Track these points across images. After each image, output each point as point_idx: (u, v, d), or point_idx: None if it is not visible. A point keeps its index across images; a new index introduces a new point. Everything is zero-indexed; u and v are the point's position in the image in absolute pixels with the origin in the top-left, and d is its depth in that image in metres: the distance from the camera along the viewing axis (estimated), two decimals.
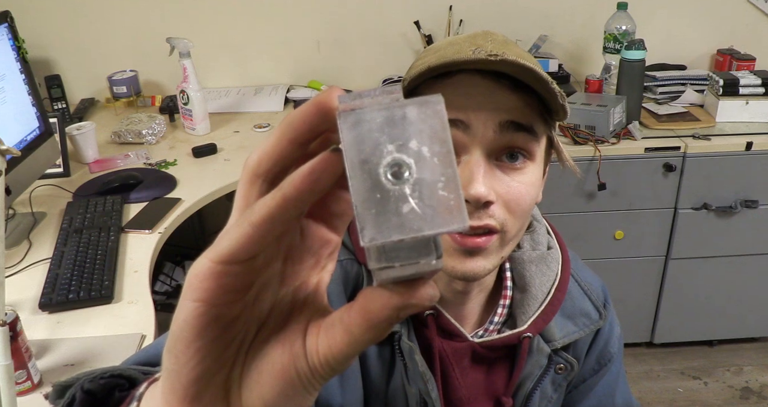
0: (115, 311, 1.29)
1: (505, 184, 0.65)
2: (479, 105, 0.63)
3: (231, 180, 1.82)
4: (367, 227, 0.27)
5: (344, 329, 0.29)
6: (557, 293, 0.76)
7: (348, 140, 0.28)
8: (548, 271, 0.76)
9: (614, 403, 0.88)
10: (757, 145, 1.95)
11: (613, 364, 0.85)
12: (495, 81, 0.63)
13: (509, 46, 0.65)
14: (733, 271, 2.16)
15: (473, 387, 0.77)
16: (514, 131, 0.63)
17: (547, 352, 0.76)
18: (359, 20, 2.38)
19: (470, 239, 0.64)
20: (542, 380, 0.77)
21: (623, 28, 2.11)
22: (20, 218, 1.64)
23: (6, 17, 1.65)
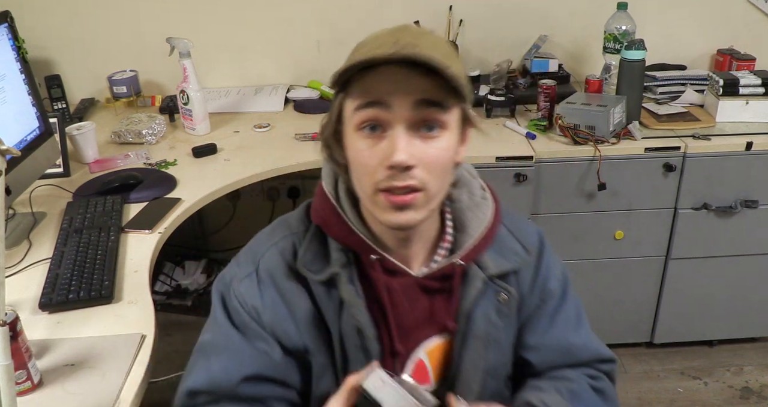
0: (115, 311, 1.29)
1: (423, 150, 0.79)
2: (397, 89, 0.77)
3: (231, 180, 1.82)
4: None
5: None
6: (488, 232, 0.92)
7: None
8: (481, 214, 0.93)
9: (568, 341, 0.99)
10: (757, 145, 1.95)
11: (555, 301, 0.98)
12: (410, 68, 0.76)
13: (424, 37, 0.79)
14: (733, 271, 2.16)
15: (422, 316, 0.91)
16: (427, 107, 0.78)
17: (482, 277, 0.91)
18: (359, 20, 2.38)
19: (399, 197, 0.80)
20: (481, 303, 0.91)
21: (623, 28, 2.11)
22: (20, 218, 1.64)
23: (6, 17, 1.65)
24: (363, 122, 0.80)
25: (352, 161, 0.84)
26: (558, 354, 0.99)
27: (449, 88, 0.77)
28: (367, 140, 0.80)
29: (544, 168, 1.95)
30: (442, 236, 0.93)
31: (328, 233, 0.90)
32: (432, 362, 0.93)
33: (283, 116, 2.26)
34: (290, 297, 0.90)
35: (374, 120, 0.79)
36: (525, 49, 2.40)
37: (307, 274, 0.89)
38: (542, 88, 2.03)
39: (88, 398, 1.06)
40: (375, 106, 0.78)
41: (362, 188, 0.84)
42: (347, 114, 0.82)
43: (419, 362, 0.93)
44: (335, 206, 0.90)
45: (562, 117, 1.95)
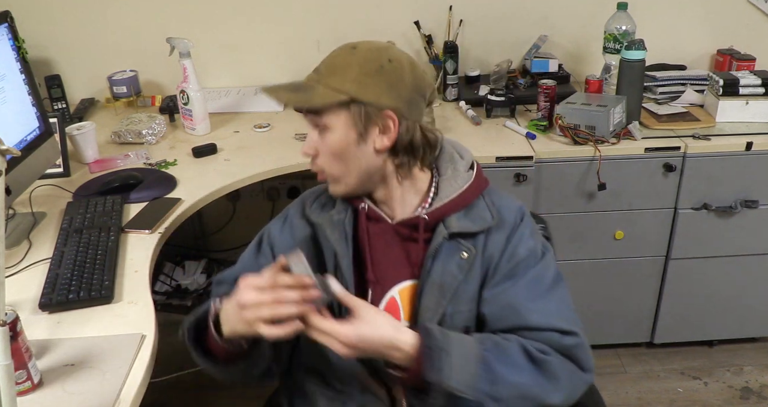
0: (115, 311, 1.29)
1: (319, 143, 1.06)
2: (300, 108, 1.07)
3: (231, 180, 1.82)
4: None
5: None
6: (458, 198, 1.08)
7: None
8: (455, 184, 1.09)
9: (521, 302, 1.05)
10: (757, 145, 1.95)
11: (520, 266, 1.07)
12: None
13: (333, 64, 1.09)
14: (733, 271, 2.16)
15: (397, 259, 1.10)
16: (308, 114, 1.06)
17: (444, 234, 1.06)
18: (359, 20, 2.38)
19: (319, 177, 1.10)
20: (440, 255, 1.06)
21: (623, 29, 2.11)
22: (20, 218, 1.64)
23: (6, 17, 1.65)
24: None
25: None
26: (507, 312, 1.05)
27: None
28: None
29: (544, 168, 1.95)
30: (425, 199, 1.11)
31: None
32: (403, 301, 1.10)
33: (283, 116, 2.26)
34: (296, 223, 1.16)
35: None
36: (525, 49, 2.40)
37: (311, 215, 1.14)
38: (542, 89, 2.03)
39: (89, 398, 1.06)
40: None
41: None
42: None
43: (391, 299, 1.10)
44: None
45: (562, 117, 1.95)
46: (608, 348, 2.36)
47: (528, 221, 1.13)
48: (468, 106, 2.21)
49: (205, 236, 2.68)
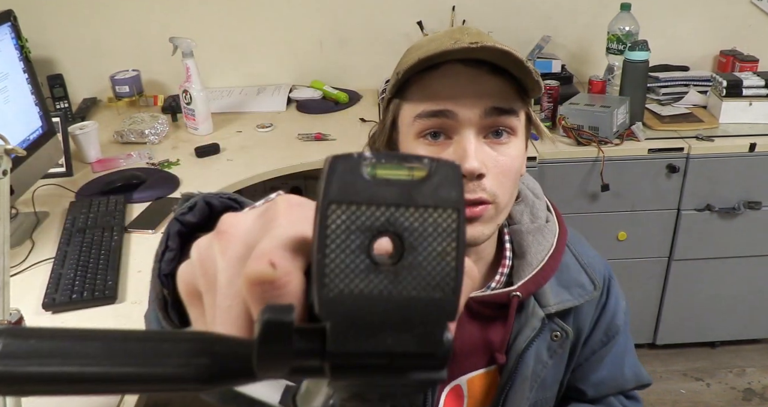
0: (119, 311, 1.28)
1: (493, 158, 0.74)
2: (464, 93, 0.71)
3: (234, 180, 1.82)
4: None
5: None
6: (551, 260, 0.83)
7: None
8: (544, 241, 0.84)
9: (623, 374, 0.94)
10: (760, 146, 1.95)
11: (620, 336, 0.92)
12: (476, 68, 0.72)
13: (484, 36, 0.72)
14: (736, 272, 2.16)
15: (469, 342, 0.83)
16: (498, 115, 0.73)
17: (541, 316, 0.83)
18: (362, 20, 2.38)
19: (468, 208, 0.72)
20: (535, 341, 0.83)
21: (627, 29, 2.11)
22: (23, 218, 1.64)
23: (9, 16, 1.65)
24: (425, 129, 0.74)
25: None
26: (613, 387, 0.95)
27: (518, 90, 0.74)
28: (429, 147, 0.75)
29: (547, 169, 1.95)
30: (500, 261, 0.86)
31: None
32: (470, 391, 0.86)
33: (286, 116, 2.26)
34: None
35: (439, 128, 0.74)
36: (528, 49, 2.39)
37: None
38: (545, 89, 2.02)
39: (91, 398, 1.06)
40: (440, 115, 0.72)
41: None
42: (404, 121, 0.76)
43: (456, 387, 0.86)
44: None
45: (565, 118, 1.95)
46: None
47: (614, 277, 0.93)
48: None
49: None
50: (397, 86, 0.76)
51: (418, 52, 0.72)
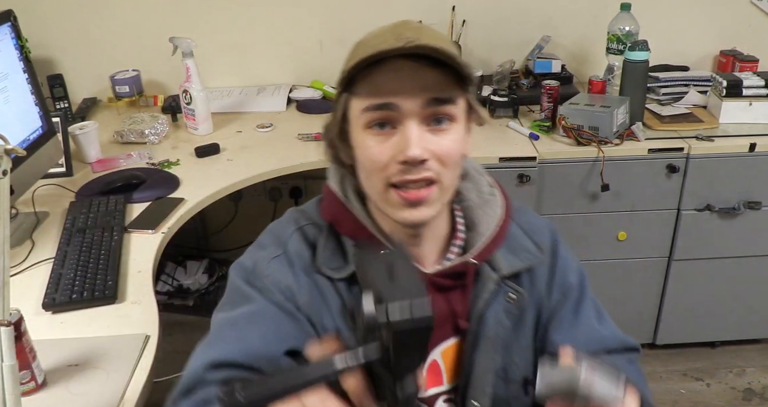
0: (119, 311, 1.28)
1: (435, 143, 0.80)
2: (405, 87, 0.77)
3: (234, 180, 1.82)
4: None
5: None
6: (500, 230, 0.91)
7: None
8: (492, 213, 0.92)
9: (601, 335, 0.96)
10: (760, 146, 1.95)
11: (578, 294, 0.96)
12: (416, 62, 0.77)
13: (424, 31, 0.79)
14: (735, 272, 2.16)
15: (439, 315, 0.82)
16: (438, 104, 0.79)
17: (495, 278, 0.90)
18: (362, 20, 2.37)
19: (413, 193, 0.80)
20: (493, 303, 0.89)
21: (627, 29, 2.11)
22: (23, 218, 1.64)
23: (9, 16, 1.65)
24: (372, 121, 0.80)
25: (361, 159, 0.83)
26: (590, 344, 0.93)
27: (456, 80, 0.79)
28: (376, 136, 0.80)
29: (548, 169, 1.95)
30: (454, 234, 0.92)
31: (339, 230, 0.89)
32: (446, 363, 0.91)
33: (286, 116, 2.26)
34: (323, 287, 0.86)
35: (384, 119, 0.79)
36: (528, 49, 2.40)
37: (328, 272, 0.86)
38: (545, 89, 2.03)
39: (92, 398, 1.06)
40: (384, 108, 0.78)
41: (372, 185, 0.83)
42: (354, 113, 0.82)
43: (433, 363, 0.90)
44: (344, 203, 0.89)
45: (565, 118, 1.95)
46: None
47: (560, 238, 0.98)
48: None
49: (206, 236, 2.68)
50: (345, 82, 0.81)
51: (363, 49, 0.78)
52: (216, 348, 0.81)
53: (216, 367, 0.79)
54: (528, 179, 1.92)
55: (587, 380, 0.66)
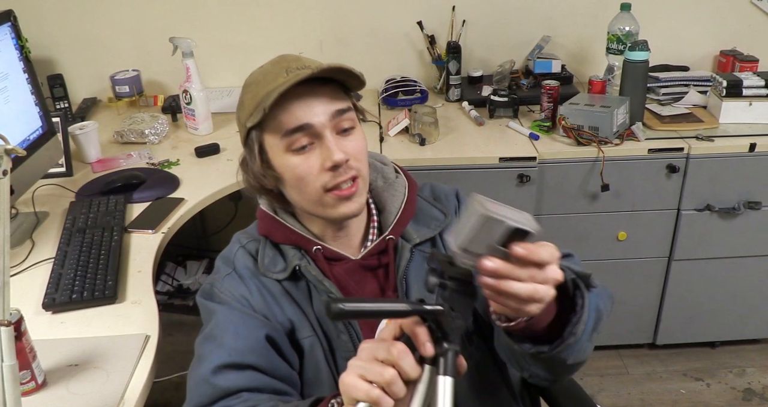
0: (119, 311, 1.28)
1: (349, 146, 0.94)
2: (312, 106, 0.92)
3: (234, 180, 1.81)
4: None
5: None
6: (407, 205, 1.04)
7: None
8: (396, 193, 1.05)
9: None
10: (760, 146, 1.95)
11: None
12: (311, 85, 0.91)
13: (302, 59, 0.96)
14: (735, 272, 2.16)
15: (372, 293, 1.01)
16: (341, 115, 0.94)
17: (409, 247, 1.02)
18: (362, 20, 2.38)
19: (346, 190, 0.94)
20: (411, 269, 1.01)
21: (627, 29, 2.11)
22: (23, 218, 1.64)
23: (9, 16, 1.65)
24: (293, 143, 0.93)
25: (290, 178, 0.95)
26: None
27: (342, 88, 0.96)
28: (300, 155, 0.93)
29: (548, 169, 1.95)
30: (370, 219, 1.05)
31: (273, 238, 1.02)
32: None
33: None
34: (271, 288, 0.99)
35: (304, 138, 0.92)
36: (528, 49, 2.40)
37: (272, 276, 0.99)
38: (545, 89, 2.03)
39: (92, 398, 1.06)
40: (300, 130, 0.92)
41: (307, 197, 0.95)
42: (271, 143, 0.95)
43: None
44: (274, 217, 1.03)
45: (565, 118, 1.95)
46: (611, 349, 2.36)
47: (464, 198, 1.09)
48: (471, 106, 2.21)
49: (206, 236, 2.68)
50: (254, 121, 0.93)
51: (260, 92, 0.93)
52: (206, 361, 0.93)
53: (215, 371, 0.91)
54: (528, 179, 1.92)
55: (496, 211, 0.63)
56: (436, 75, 2.43)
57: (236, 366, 0.91)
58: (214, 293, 1.00)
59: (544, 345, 0.80)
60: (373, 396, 0.66)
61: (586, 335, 0.81)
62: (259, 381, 0.91)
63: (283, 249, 1.01)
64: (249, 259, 1.02)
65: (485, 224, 0.62)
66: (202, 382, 0.91)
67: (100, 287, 1.32)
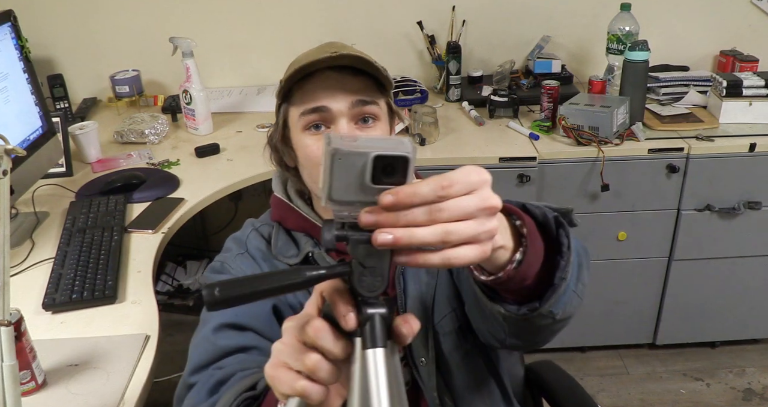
0: (118, 311, 1.28)
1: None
2: (334, 92, 0.91)
3: (234, 180, 1.82)
4: None
5: None
6: None
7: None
8: None
9: None
10: (760, 146, 1.95)
11: None
12: (341, 72, 0.92)
13: (347, 47, 0.93)
14: (735, 272, 2.16)
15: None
16: (362, 105, 0.92)
17: None
18: (362, 20, 2.38)
19: None
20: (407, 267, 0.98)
21: (627, 29, 2.10)
22: (23, 218, 1.64)
23: (9, 16, 1.65)
24: (308, 123, 0.93)
25: (302, 158, 0.96)
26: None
27: (376, 85, 0.94)
28: (314, 136, 0.93)
29: (548, 169, 1.95)
30: None
31: (286, 225, 1.03)
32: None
33: None
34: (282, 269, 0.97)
35: (319, 121, 0.93)
36: (528, 49, 2.40)
37: (284, 260, 1.00)
38: (545, 89, 2.03)
39: (92, 398, 1.06)
40: (317, 111, 0.92)
41: (314, 179, 0.95)
42: (293, 120, 0.96)
43: None
44: (288, 203, 1.03)
45: (565, 118, 1.95)
46: (611, 348, 2.36)
47: None
48: (471, 106, 2.21)
49: (206, 236, 2.68)
50: (283, 93, 0.95)
51: (295, 65, 0.92)
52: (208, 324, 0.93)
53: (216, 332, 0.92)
54: (528, 179, 1.92)
55: (349, 143, 0.52)
56: (436, 75, 2.43)
57: (238, 327, 0.92)
58: (226, 268, 1.01)
59: (532, 303, 0.72)
60: (298, 388, 0.55)
61: (572, 282, 0.74)
62: (258, 341, 0.92)
63: (295, 236, 1.02)
64: (262, 241, 1.04)
65: (340, 161, 0.51)
66: (202, 341, 0.92)
67: (100, 287, 1.32)
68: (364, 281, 0.54)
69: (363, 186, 0.51)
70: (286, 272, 0.56)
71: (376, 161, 0.50)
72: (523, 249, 0.65)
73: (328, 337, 0.55)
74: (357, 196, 0.52)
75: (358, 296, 0.55)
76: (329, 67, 0.91)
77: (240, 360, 0.89)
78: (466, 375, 1.01)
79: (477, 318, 0.93)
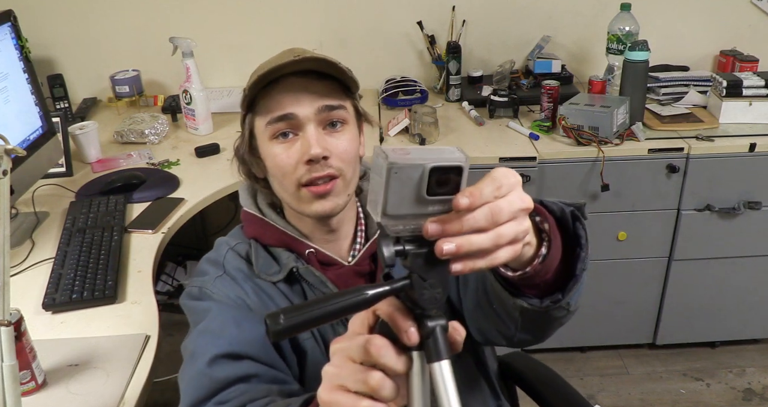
0: (118, 311, 1.28)
1: (333, 144, 0.92)
2: (300, 98, 0.90)
3: (234, 180, 1.81)
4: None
5: None
6: None
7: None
8: None
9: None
10: (760, 146, 1.95)
11: None
12: (306, 77, 0.91)
13: (307, 52, 0.92)
14: (735, 272, 2.16)
15: None
16: (329, 110, 0.91)
17: None
18: (362, 20, 2.37)
19: (321, 187, 0.91)
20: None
21: (627, 29, 2.10)
22: (23, 218, 1.64)
23: (9, 16, 1.65)
24: (276, 132, 0.92)
25: (271, 167, 0.94)
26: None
27: (342, 88, 0.93)
28: (282, 144, 0.92)
29: (548, 169, 1.95)
30: (358, 223, 1.04)
31: (264, 241, 0.99)
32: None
33: None
34: (267, 289, 0.96)
35: (286, 128, 0.91)
36: (528, 49, 2.40)
37: (267, 278, 0.96)
38: (545, 89, 2.02)
39: (92, 398, 1.06)
40: (284, 119, 0.90)
41: (285, 188, 0.94)
42: (259, 130, 0.94)
43: None
44: (262, 218, 1.00)
45: (565, 118, 1.95)
46: (611, 348, 2.36)
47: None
48: (471, 106, 2.21)
49: (206, 236, 2.68)
50: (247, 103, 0.94)
51: (258, 72, 0.90)
52: (205, 352, 0.87)
53: (211, 364, 0.86)
54: (528, 179, 1.92)
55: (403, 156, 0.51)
56: (436, 75, 2.43)
57: (234, 356, 0.87)
58: (205, 294, 0.95)
59: (554, 295, 0.73)
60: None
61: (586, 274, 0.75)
62: (258, 368, 0.87)
63: (273, 252, 0.98)
64: (241, 261, 0.99)
65: (396, 175, 0.50)
66: (198, 375, 0.85)
67: (100, 287, 1.32)
68: (425, 294, 0.54)
69: (419, 198, 0.51)
70: (347, 293, 0.55)
71: (432, 173, 0.51)
72: (547, 244, 0.68)
73: (390, 354, 0.54)
74: (411, 209, 0.52)
75: (417, 310, 0.55)
76: (293, 73, 0.90)
77: (242, 391, 0.84)
78: (458, 376, 1.00)
79: (481, 318, 0.91)
